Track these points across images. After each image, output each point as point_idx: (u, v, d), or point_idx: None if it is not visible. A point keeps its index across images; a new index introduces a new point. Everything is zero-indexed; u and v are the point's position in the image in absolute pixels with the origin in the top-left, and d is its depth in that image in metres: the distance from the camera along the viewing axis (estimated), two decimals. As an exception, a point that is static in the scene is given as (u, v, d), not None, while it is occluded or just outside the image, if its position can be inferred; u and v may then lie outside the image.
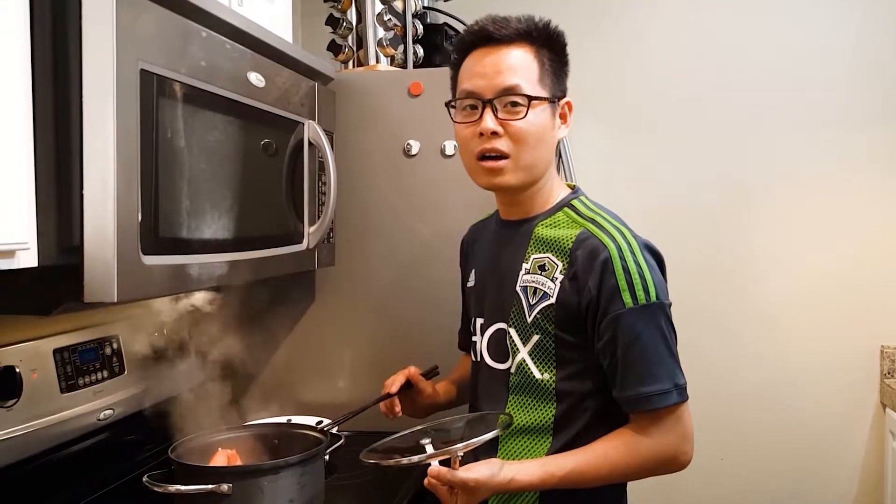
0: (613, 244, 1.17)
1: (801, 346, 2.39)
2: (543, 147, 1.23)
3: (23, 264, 0.93)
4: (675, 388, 1.14)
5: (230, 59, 1.26)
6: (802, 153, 2.37)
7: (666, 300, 1.18)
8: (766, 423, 2.41)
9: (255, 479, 1.14)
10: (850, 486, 2.38)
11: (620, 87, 2.48)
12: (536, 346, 1.21)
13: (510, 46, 1.21)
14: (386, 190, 1.79)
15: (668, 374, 1.15)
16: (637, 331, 1.14)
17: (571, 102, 1.27)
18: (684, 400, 1.15)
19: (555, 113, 1.24)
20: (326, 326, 1.84)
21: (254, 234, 1.37)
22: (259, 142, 1.38)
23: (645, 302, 1.14)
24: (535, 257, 1.23)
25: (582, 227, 1.21)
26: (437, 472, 1.09)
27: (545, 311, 1.19)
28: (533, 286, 1.21)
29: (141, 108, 1.02)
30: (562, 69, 1.26)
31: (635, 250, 1.17)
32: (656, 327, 1.15)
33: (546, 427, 1.21)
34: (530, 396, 1.22)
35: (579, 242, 1.19)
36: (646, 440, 1.15)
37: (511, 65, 1.20)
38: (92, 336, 1.42)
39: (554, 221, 1.25)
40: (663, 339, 1.15)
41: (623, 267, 1.15)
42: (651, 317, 1.15)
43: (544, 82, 1.22)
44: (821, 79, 2.36)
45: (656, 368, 1.14)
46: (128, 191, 1.00)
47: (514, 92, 1.19)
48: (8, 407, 1.20)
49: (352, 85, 1.80)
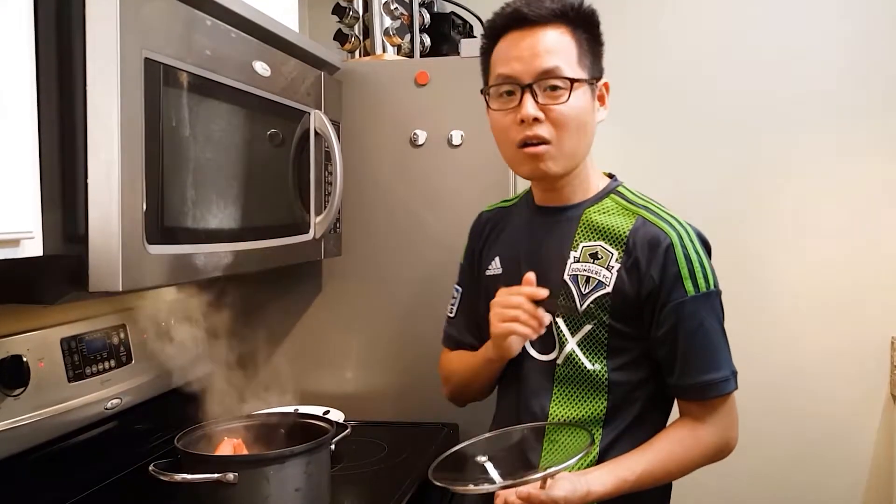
0: (674, 232, 1.16)
1: (811, 337, 2.37)
2: (585, 132, 1.19)
3: (28, 253, 0.93)
4: (732, 375, 1.17)
5: (235, 48, 1.25)
6: (816, 145, 2.35)
7: (719, 287, 1.18)
8: (775, 414, 2.40)
9: (261, 469, 1.14)
10: (859, 476, 2.37)
11: (629, 79, 2.46)
12: (587, 337, 1.18)
13: (546, 27, 1.16)
14: (392, 180, 1.78)
15: (727, 362, 1.17)
16: (699, 318, 1.14)
17: (609, 84, 1.24)
18: (737, 388, 1.19)
19: (594, 95, 1.21)
20: (333, 316, 1.84)
21: (260, 223, 1.36)
22: (265, 131, 1.37)
23: (706, 290, 1.14)
24: (584, 245, 1.20)
25: (636, 214, 1.19)
26: (527, 495, 1.05)
27: (600, 300, 1.17)
28: (585, 275, 1.18)
29: (145, 98, 1.01)
30: (598, 49, 1.22)
31: (693, 238, 1.17)
32: (715, 315, 1.16)
33: (597, 419, 1.19)
34: (579, 388, 1.20)
35: (636, 230, 1.17)
36: (705, 429, 1.17)
37: (549, 46, 1.16)
38: (99, 325, 1.43)
39: (603, 208, 1.22)
40: (721, 326, 1.17)
41: (685, 255, 1.14)
42: (711, 305, 1.15)
43: (583, 63, 1.18)
44: (840, 68, 2.33)
45: (718, 356, 1.16)
46: (132, 180, 0.99)
47: (555, 74, 1.15)
48: (15, 396, 1.21)
49: (358, 74, 1.79)
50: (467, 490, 1.11)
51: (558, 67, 1.15)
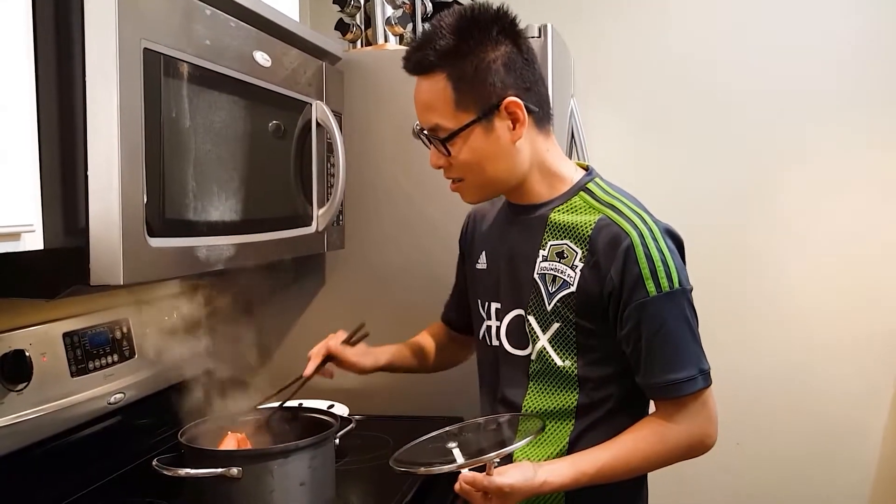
0: (635, 231, 1.13)
1: (819, 330, 2.36)
2: (495, 163, 1.16)
3: (28, 247, 0.92)
4: (700, 373, 1.13)
5: (236, 37, 1.24)
6: (825, 138, 2.33)
7: (688, 285, 1.15)
8: (783, 407, 2.39)
9: (266, 463, 1.14)
10: (867, 471, 2.36)
11: (636, 73, 2.44)
12: (557, 334, 1.19)
13: (423, 78, 1.16)
14: (395, 171, 1.77)
15: (693, 360, 1.13)
16: (662, 318, 1.12)
17: (515, 100, 1.13)
18: (709, 384, 1.15)
19: (493, 125, 1.14)
20: (336, 310, 1.83)
21: (262, 216, 1.35)
22: (266, 122, 1.36)
23: (669, 289, 1.11)
24: (552, 244, 1.19)
25: (601, 213, 1.17)
26: (471, 479, 1.06)
27: (565, 299, 1.17)
28: (552, 274, 1.18)
29: (145, 88, 1.00)
30: (491, 67, 1.12)
31: (657, 236, 1.14)
32: (680, 314, 1.13)
33: (569, 412, 1.20)
34: (552, 383, 1.20)
35: (599, 229, 1.15)
36: (674, 427, 1.14)
37: (426, 101, 1.16)
38: (101, 320, 1.42)
39: (570, 206, 1.20)
40: (687, 325, 1.14)
41: (646, 254, 1.12)
42: (675, 304, 1.13)
43: (465, 102, 1.13)
44: (845, 63, 2.31)
45: (682, 355, 1.13)
46: (133, 172, 0.98)
47: (435, 134, 1.16)
48: (18, 391, 1.20)
49: (360, 65, 1.77)
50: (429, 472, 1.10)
51: (436, 126, 1.15)
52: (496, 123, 1.14)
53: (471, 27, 1.14)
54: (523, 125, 1.15)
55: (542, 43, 1.68)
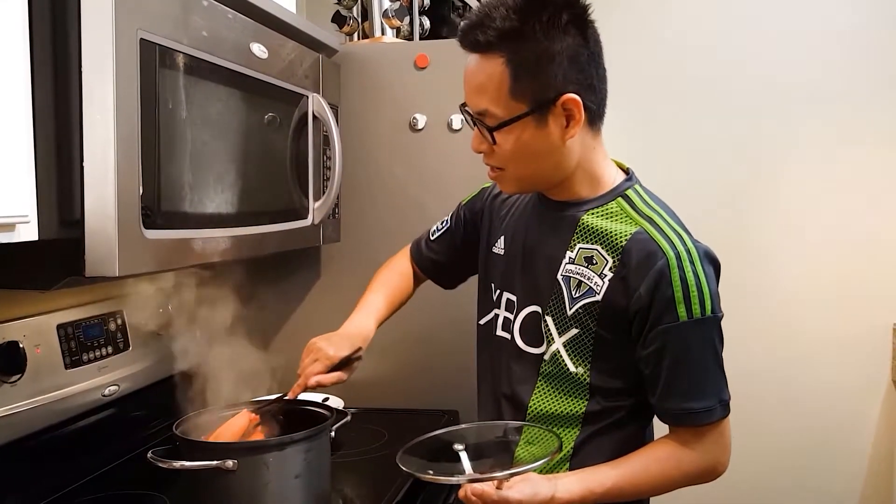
0: (673, 252, 1.08)
1: (812, 325, 2.36)
2: (541, 160, 1.11)
3: (23, 238, 0.91)
4: (719, 403, 1.10)
5: (232, 29, 1.23)
6: (823, 132, 2.33)
7: (720, 313, 1.10)
8: (777, 400, 2.40)
9: (261, 455, 1.13)
10: (860, 463, 2.37)
11: (634, 66, 2.44)
12: (573, 340, 1.14)
13: (480, 56, 1.07)
14: (392, 165, 1.77)
15: (714, 391, 1.10)
16: (688, 345, 1.08)
17: (575, 98, 1.06)
18: (727, 415, 1.12)
19: (546, 120, 1.07)
20: (332, 303, 1.82)
21: (257, 209, 1.35)
22: (262, 115, 1.35)
23: (700, 316, 1.07)
24: (581, 247, 1.14)
25: (638, 225, 1.11)
26: (480, 493, 1.03)
27: (589, 307, 1.12)
28: (577, 278, 1.13)
29: (141, 79, 0.99)
30: (555, 59, 1.04)
31: (695, 260, 1.08)
32: (709, 342, 1.09)
33: (576, 418, 1.16)
34: (562, 387, 1.17)
35: (634, 242, 1.09)
36: (689, 453, 1.11)
37: (479, 83, 1.07)
38: (96, 312, 1.41)
39: (606, 211, 1.14)
40: (713, 353, 1.10)
41: (681, 277, 1.06)
42: (704, 331, 1.08)
43: (521, 91, 1.05)
44: (842, 55, 2.31)
45: (704, 385, 1.10)
46: (128, 164, 0.98)
47: (484, 119, 1.08)
48: (12, 382, 1.20)
49: (357, 57, 1.77)
50: (431, 479, 1.08)
51: (485, 111, 1.07)
52: (549, 118, 1.07)
53: (538, 10, 1.04)
54: (578, 124, 1.08)
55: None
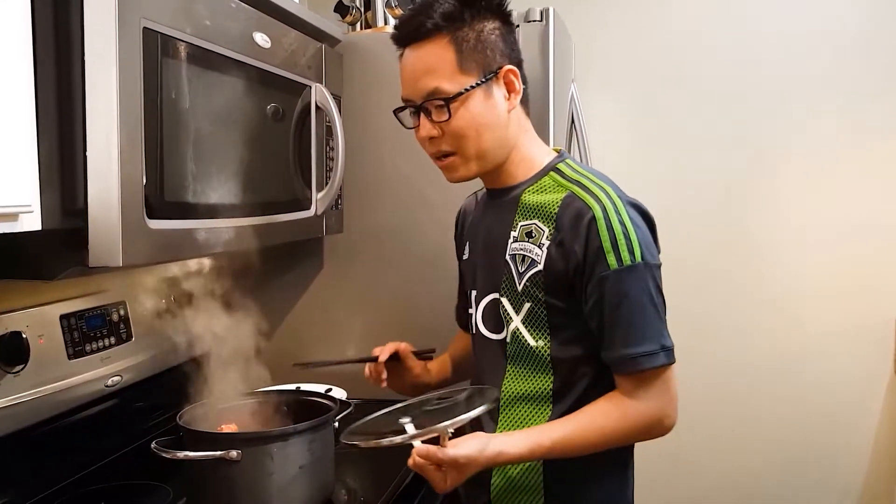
0: (598, 205, 1.12)
1: (816, 317, 2.36)
2: (490, 131, 1.17)
3: (26, 227, 0.91)
4: (662, 349, 1.12)
5: (235, 18, 1.23)
6: (824, 126, 2.32)
7: (653, 261, 1.14)
8: (779, 394, 2.39)
9: (265, 446, 1.13)
10: (863, 457, 2.37)
11: (637, 58, 2.43)
12: (529, 314, 1.18)
13: (422, 44, 1.14)
14: (394, 155, 1.76)
15: (655, 336, 1.12)
16: (623, 292, 1.11)
17: (513, 69, 1.17)
18: (671, 362, 1.13)
19: (491, 91, 1.16)
20: (335, 294, 1.83)
21: (261, 199, 1.35)
22: (265, 105, 1.35)
23: (630, 263, 1.10)
24: (522, 224, 1.19)
25: (567, 190, 1.17)
26: (424, 451, 1.05)
27: (534, 278, 1.16)
28: (521, 254, 1.18)
29: (144, 69, 0.99)
30: (490, 39, 1.16)
31: (620, 209, 1.13)
32: (642, 289, 1.12)
33: (545, 396, 1.19)
34: (527, 365, 1.20)
35: (565, 206, 1.15)
36: (634, 403, 1.13)
37: (426, 65, 1.14)
38: (99, 302, 1.41)
39: (540, 187, 1.20)
40: (650, 300, 1.12)
41: (608, 227, 1.11)
42: (637, 278, 1.11)
43: (468, 66, 1.14)
44: (842, 46, 2.30)
45: (643, 329, 1.12)
46: (132, 153, 0.97)
47: (436, 96, 1.14)
48: (15, 372, 1.20)
49: (360, 47, 1.76)
50: (378, 444, 1.07)
51: (437, 88, 1.13)
52: (494, 90, 1.16)
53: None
54: (518, 94, 1.17)
55: (544, 26, 1.66)
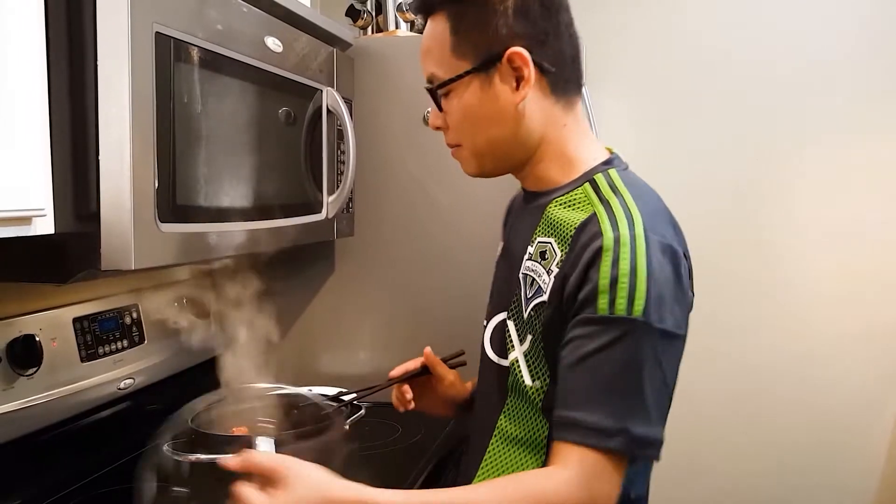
0: (613, 234, 0.88)
1: (828, 319, 2.34)
2: (492, 126, 0.98)
3: (39, 231, 0.92)
4: (620, 432, 0.84)
5: (247, 22, 1.23)
6: (831, 126, 2.31)
7: (659, 323, 0.86)
8: (791, 396, 2.38)
9: (276, 449, 1.13)
10: (875, 460, 2.35)
11: (649, 60, 2.42)
12: (531, 348, 0.97)
13: (431, 19, 1.00)
14: (406, 159, 1.76)
15: (621, 412, 0.84)
16: (602, 344, 0.86)
17: (520, 52, 0.94)
18: (630, 455, 0.85)
19: (491, 79, 0.96)
20: (346, 297, 1.83)
21: (272, 202, 1.35)
22: (277, 108, 1.35)
23: (624, 314, 0.85)
24: (539, 240, 0.99)
25: (593, 209, 0.94)
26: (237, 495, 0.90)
27: (538, 308, 0.96)
28: (531, 276, 0.98)
29: (156, 73, 0.99)
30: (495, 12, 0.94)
31: (639, 247, 0.87)
32: (629, 350, 0.85)
33: (539, 444, 0.98)
34: (522, 403, 1.00)
35: (581, 230, 0.92)
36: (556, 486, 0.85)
37: (425, 45, 1.01)
38: (111, 305, 1.42)
39: (570, 199, 0.98)
40: (635, 367, 0.85)
41: (613, 263, 0.86)
42: (627, 335, 0.85)
43: (462, 48, 0.96)
44: (854, 48, 2.29)
45: (608, 397, 0.85)
46: (144, 157, 0.98)
47: (431, 82, 1.01)
48: (28, 375, 1.20)
49: (371, 51, 1.76)
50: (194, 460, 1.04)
51: (432, 74, 1.01)
52: (497, 79, 0.96)
53: None
54: (528, 83, 0.95)
55: (555, 30, 1.66)
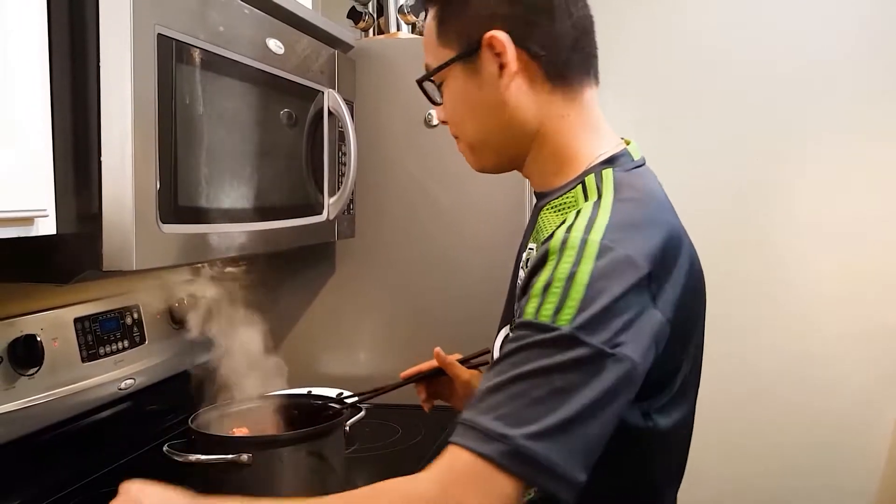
0: (562, 236, 0.78)
1: (829, 319, 2.34)
2: (479, 117, 0.93)
3: (41, 232, 0.92)
4: (502, 439, 0.71)
5: (249, 24, 1.24)
6: (834, 127, 2.31)
7: (586, 336, 0.73)
8: (793, 397, 2.38)
9: (276, 450, 1.14)
10: (876, 461, 2.35)
11: (651, 61, 2.43)
12: None
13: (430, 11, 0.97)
14: (407, 160, 1.77)
15: (513, 420, 0.72)
16: (516, 346, 0.76)
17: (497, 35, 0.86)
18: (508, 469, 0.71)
19: (478, 66, 0.89)
20: (346, 298, 1.83)
21: (273, 204, 1.35)
22: (278, 110, 1.35)
23: (548, 321, 0.74)
24: (530, 247, 0.94)
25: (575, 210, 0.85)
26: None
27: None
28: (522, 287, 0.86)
29: (158, 74, 1.00)
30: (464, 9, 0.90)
31: (586, 255, 0.76)
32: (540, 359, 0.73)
33: None
34: None
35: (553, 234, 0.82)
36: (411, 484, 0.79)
37: (423, 40, 0.99)
38: (112, 306, 1.42)
39: (562, 203, 0.90)
40: (547, 380, 0.73)
41: (554, 267, 0.77)
42: (544, 345, 0.74)
43: (446, 36, 0.92)
44: (855, 50, 2.29)
45: (506, 402, 0.73)
46: (146, 158, 0.98)
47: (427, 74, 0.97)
48: (29, 375, 1.20)
49: (372, 53, 1.77)
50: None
51: (427, 65, 0.97)
52: (480, 65, 0.89)
53: None
54: (509, 70, 0.88)
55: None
